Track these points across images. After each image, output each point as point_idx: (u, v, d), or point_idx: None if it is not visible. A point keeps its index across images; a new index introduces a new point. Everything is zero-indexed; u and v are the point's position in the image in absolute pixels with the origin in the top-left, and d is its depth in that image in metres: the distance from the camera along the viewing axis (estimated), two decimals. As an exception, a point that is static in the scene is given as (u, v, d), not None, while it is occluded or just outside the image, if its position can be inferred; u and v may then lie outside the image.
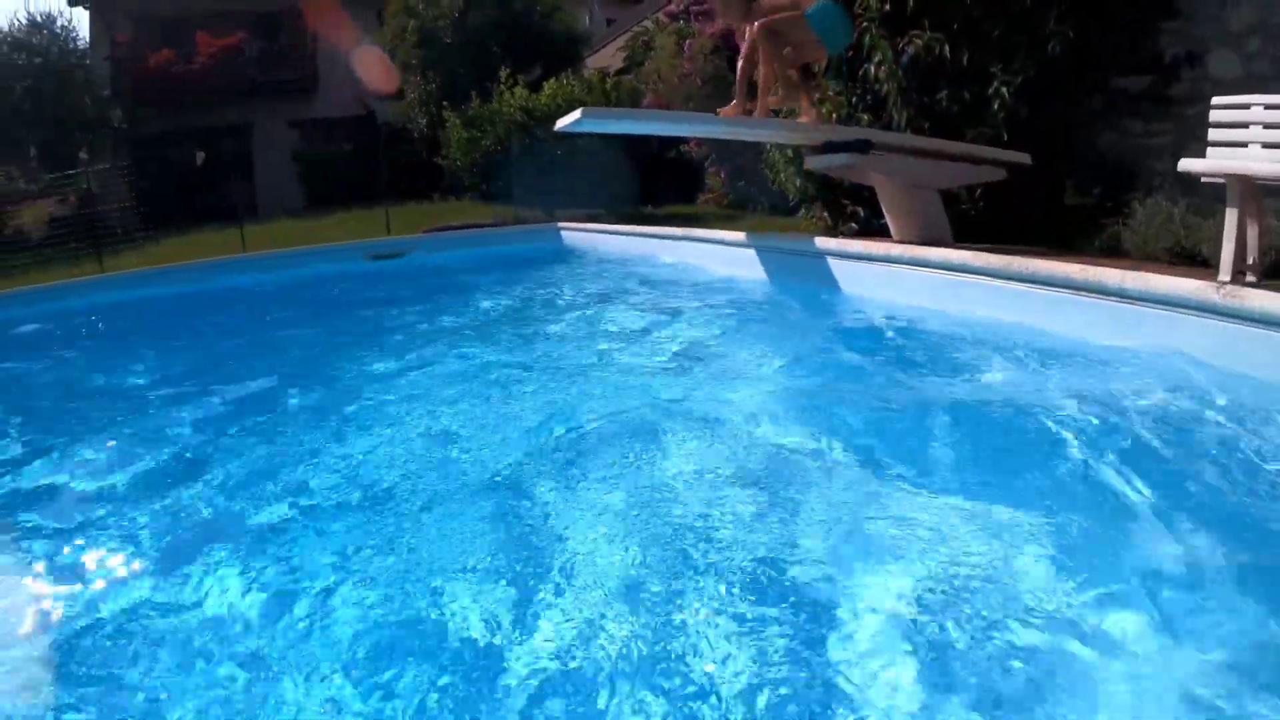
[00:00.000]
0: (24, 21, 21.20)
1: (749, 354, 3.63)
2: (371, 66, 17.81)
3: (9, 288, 10.16)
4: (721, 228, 9.06)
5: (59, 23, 21.81)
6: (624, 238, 7.46)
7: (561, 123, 5.44)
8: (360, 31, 22.34)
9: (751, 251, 5.82)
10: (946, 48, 6.28)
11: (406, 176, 16.90)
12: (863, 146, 5.24)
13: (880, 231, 6.74)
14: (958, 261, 3.57)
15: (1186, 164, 4.41)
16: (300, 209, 20.40)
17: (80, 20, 22.94)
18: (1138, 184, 6.56)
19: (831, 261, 4.81)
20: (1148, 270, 4.09)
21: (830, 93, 7.19)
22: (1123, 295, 3.13)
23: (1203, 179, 4.52)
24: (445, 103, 14.77)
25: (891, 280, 4.25)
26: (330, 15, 20.20)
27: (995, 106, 6.23)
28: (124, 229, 14.03)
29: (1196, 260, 5.24)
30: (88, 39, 22.81)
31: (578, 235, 8.07)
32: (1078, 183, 6.76)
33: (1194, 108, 6.35)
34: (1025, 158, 6.03)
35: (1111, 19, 6.66)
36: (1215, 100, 4.63)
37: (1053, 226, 6.62)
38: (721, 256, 6.16)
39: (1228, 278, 4.12)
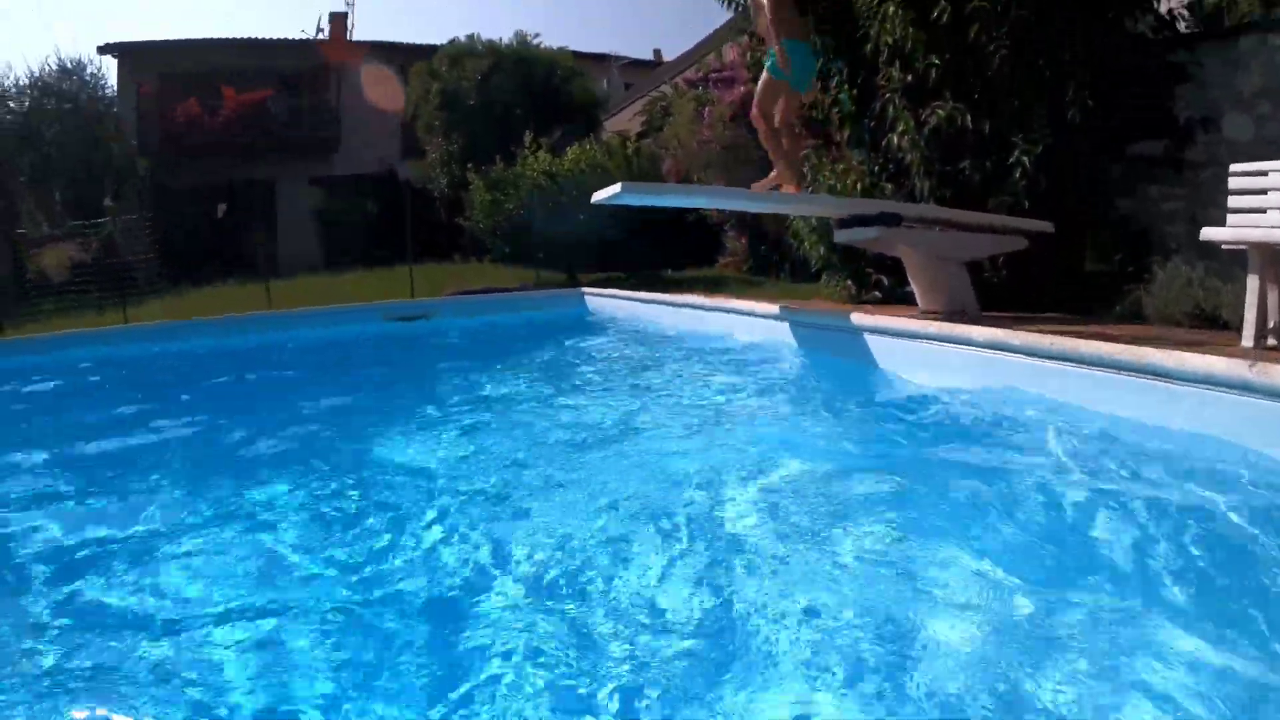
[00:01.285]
0: (54, 67, 21.41)
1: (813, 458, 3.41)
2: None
3: (41, 331, 10.28)
4: (744, 293, 9.10)
5: (88, 70, 22.04)
6: (649, 306, 7.41)
7: (599, 196, 5.43)
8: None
9: (786, 326, 5.71)
10: (968, 118, 6.37)
11: (427, 236, 17.10)
12: (892, 220, 5.29)
13: (905, 299, 6.77)
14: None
15: (1209, 233, 4.46)
16: (321, 265, 20.61)
17: (109, 68, 23.20)
18: (1156, 248, 6.63)
19: (874, 339, 4.65)
20: (1172, 339, 4.16)
21: (854, 162, 7.28)
22: (1160, 374, 3.15)
23: (1224, 246, 4.58)
24: (469, 165, 15.01)
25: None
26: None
27: (1016, 175, 6.30)
28: (147, 279, 14.17)
29: (1218, 324, 5.26)
30: (115, 88, 23.19)
31: (602, 301, 8.09)
32: (1097, 248, 6.81)
33: (1208, 171, 6.49)
34: (1048, 226, 6.09)
35: (1128, 86, 6.79)
36: (1234, 168, 4.72)
37: (1074, 293, 6.67)
38: (759, 331, 6.01)
39: (1251, 343, 4.16)
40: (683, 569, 2.37)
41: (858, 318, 4.69)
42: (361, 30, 29.30)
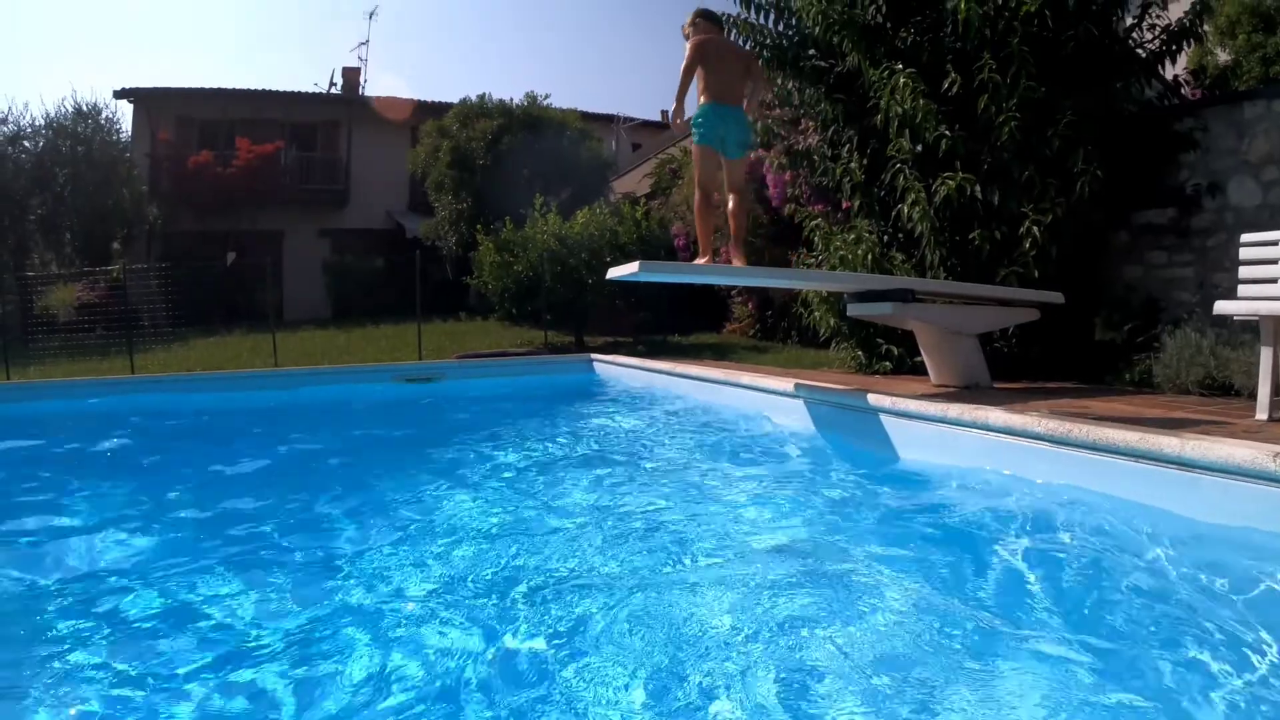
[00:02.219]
0: (70, 109, 21.51)
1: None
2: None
3: (50, 375, 10.23)
4: (753, 361, 9.06)
5: (104, 114, 22.14)
6: (659, 376, 7.20)
7: (615, 273, 5.23)
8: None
9: (807, 406, 5.33)
10: (978, 188, 6.42)
11: (433, 293, 17.18)
12: (905, 296, 5.26)
13: (915, 369, 6.75)
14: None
15: (1222, 306, 4.48)
16: (328, 316, 20.63)
17: (124, 114, 23.37)
18: (1164, 315, 6.66)
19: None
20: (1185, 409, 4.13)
21: (864, 231, 7.32)
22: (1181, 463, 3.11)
23: (1236, 318, 4.58)
24: (478, 224, 15.13)
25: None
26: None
27: (1026, 245, 6.34)
28: (153, 325, 14.15)
29: (1229, 391, 5.32)
30: (130, 133, 23.37)
31: (610, 369, 8.00)
32: (1106, 317, 6.82)
33: (1215, 237, 6.59)
34: (1058, 297, 6.10)
35: (1135, 156, 6.89)
36: (1244, 238, 4.77)
37: (1085, 362, 6.71)
38: (777, 409, 5.61)
39: (1265, 415, 4.14)
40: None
41: (886, 401, 4.53)
42: (373, 86, 29.67)
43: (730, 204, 5.74)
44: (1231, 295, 4.70)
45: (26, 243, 20.88)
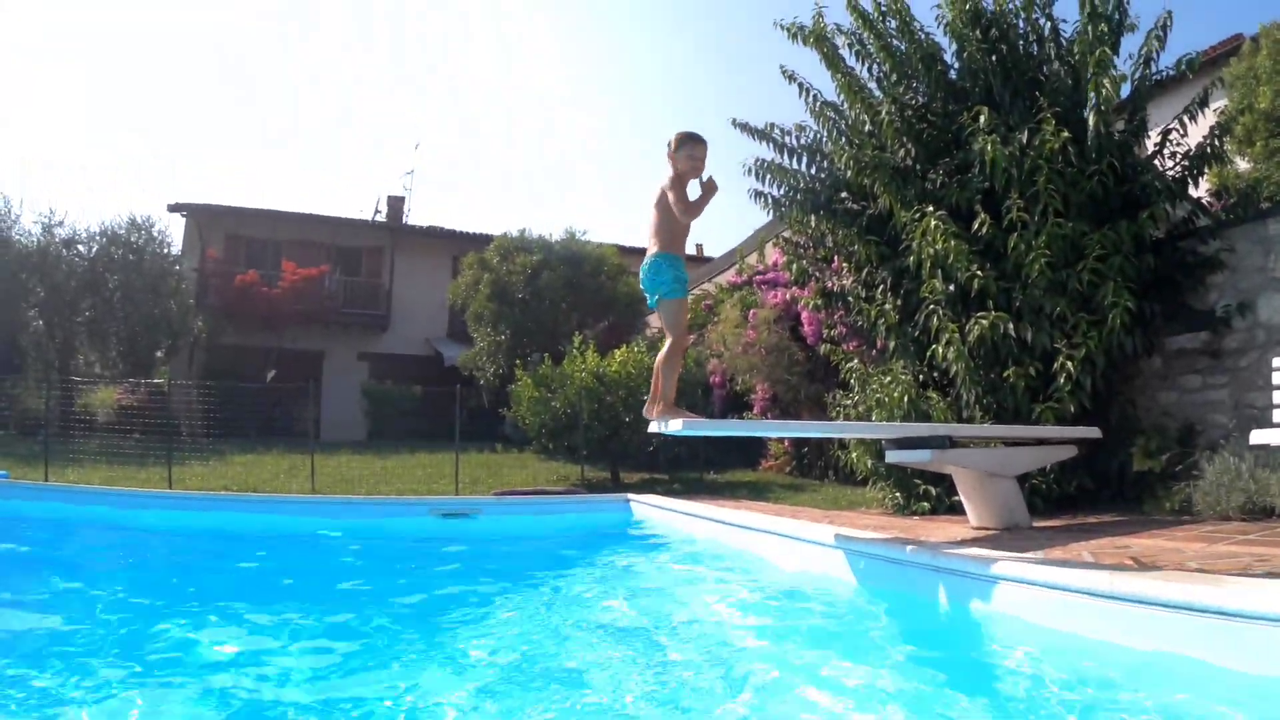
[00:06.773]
0: (124, 219, 22.35)
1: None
2: None
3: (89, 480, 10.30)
4: (790, 499, 8.94)
5: (156, 227, 22.87)
6: (700, 521, 7.01)
7: (659, 428, 5.02)
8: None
9: (847, 558, 4.71)
10: (1010, 326, 6.50)
11: (469, 420, 17.28)
12: (943, 443, 5.24)
13: (953, 509, 6.67)
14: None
15: (1259, 436, 4.46)
16: (362, 440, 20.78)
17: (176, 228, 24.31)
18: (1201, 438, 6.61)
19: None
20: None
21: (900, 373, 7.36)
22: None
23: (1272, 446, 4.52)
24: (517, 358, 15.31)
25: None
26: None
27: (1061, 380, 6.38)
28: (191, 436, 14.27)
29: (1272, 514, 5.28)
30: (180, 246, 24.21)
31: (648, 510, 7.93)
32: (1144, 445, 6.76)
33: (1247, 357, 6.59)
34: (1095, 433, 6.10)
35: (1164, 282, 7.01)
36: (1275, 362, 4.77)
37: (1124, 491, 6.67)
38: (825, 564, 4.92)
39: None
40: None
41: (926, 555, 4.26)
42: (417, 215, 30.62)
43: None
44: (1267, 414, 4.67)
45: (73, 343, 21.54)
